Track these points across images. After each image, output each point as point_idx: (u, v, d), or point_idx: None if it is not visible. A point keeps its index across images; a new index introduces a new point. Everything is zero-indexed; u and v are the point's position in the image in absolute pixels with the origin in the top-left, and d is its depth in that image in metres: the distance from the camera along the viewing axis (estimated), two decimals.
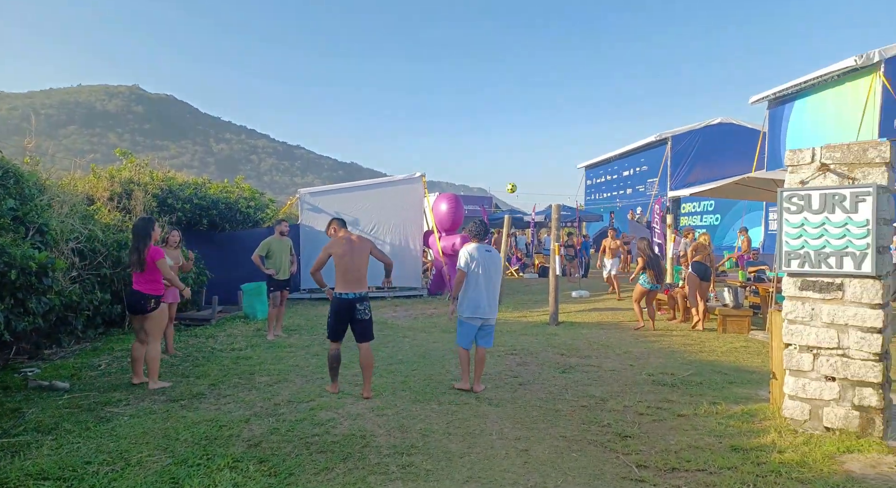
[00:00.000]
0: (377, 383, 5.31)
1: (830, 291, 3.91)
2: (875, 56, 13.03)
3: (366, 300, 4.98)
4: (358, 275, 4.95)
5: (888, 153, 3.75)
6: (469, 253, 5.12)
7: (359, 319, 4.93)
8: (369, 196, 12.28)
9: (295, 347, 7.09)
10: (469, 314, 5.09)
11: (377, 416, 4.39)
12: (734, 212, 18.72)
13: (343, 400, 4.81)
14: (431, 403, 4.73)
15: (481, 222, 5.36)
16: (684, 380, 5.43)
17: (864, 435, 3.67)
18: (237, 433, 4.01)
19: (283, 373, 5.74)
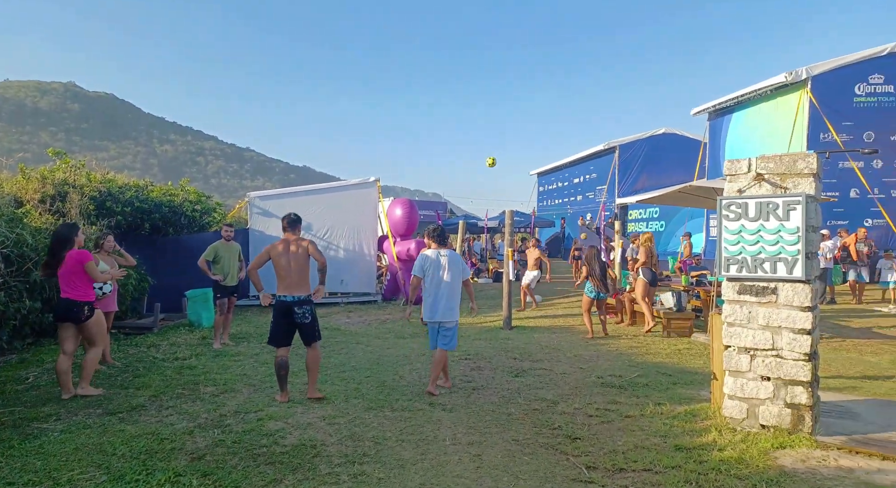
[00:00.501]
0: (329, 391, 5.21)
1: (766, 295, 4.11)
2: (803, 73, 13.92)
3: (305, 304, 4.92)
4: (296, 279, 4.90)
5: (815, 165, 3.99)
6: (425, 258, 5.22)
7: (298, 323, 4.91)
8: (322, 200, 12.08)
9: (243, 356, 6.87)
10: (427, 317, 5.24)
11: (328, 425, 4.30)
12: (678, 219, 19.51)
13: (293, 409, 4.69)
14: (384, 410, 4.68)
15: (439, 228, 5.47)
16: (631, 382, 5.58)
17: (795, 431, 3.87)
18: (180, 446, 3.84)
19: (229, 383, 5.54)
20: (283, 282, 4.91)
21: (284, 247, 4.94)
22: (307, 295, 4.94)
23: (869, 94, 13.72)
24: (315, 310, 5.06)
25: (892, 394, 5.12)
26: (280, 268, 4.90)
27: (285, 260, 4.89)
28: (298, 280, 4.90)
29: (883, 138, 13.62)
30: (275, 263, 4.91)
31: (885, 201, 13.72)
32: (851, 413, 4.34)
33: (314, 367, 5.00)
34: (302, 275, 4.92)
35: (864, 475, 3.30)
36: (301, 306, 4.89)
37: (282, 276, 4.90)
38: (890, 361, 6.51)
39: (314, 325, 5.00)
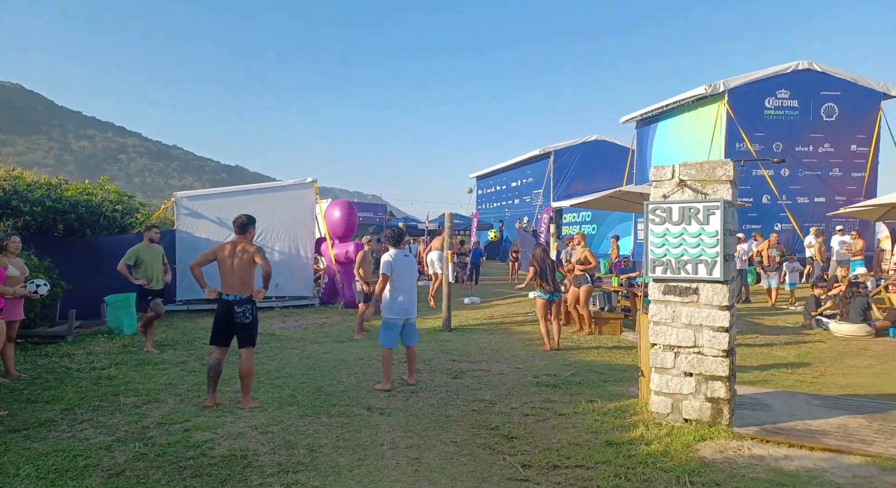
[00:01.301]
0: (262, 398, 5.03)
1: (688, 295, 4.35)
2: (721, 86, 14.90)
3: (246, 304, 4.85)
4: (239, 281, 4.85)
5: (732, 172, 4.27)
6: (390, 258, 5.51)
7: (238, 323, 4.82)
8: (256, 201, 11.66)
9: (168, 364, 6.51)
10: (394, 314, 5.51)
11: (260, 434, 4.15)
12: (608, 223, 20.33)
13: (223, 418, 4.49)
14: (320, 417, 4.57)
15: (397, 229, 5.87)
16: (565, 381, 5.75)
17: (714, 424, 4.12)
18: (95, 462, 3.58)
19: (153, 393, 5.23)
20: (226, 283, 4.86)
21: (231, 250, 4.89)
22: (248, 295, 4.88)
23: (777, 108, 14.90)
24: (256, 311, 4.95)
25: (797, 386, 5.55)
26: (224, 270, 4.86)
27: (230, 263, 4.84)
28: (241, 282, 4.85)
29: (790, 149, 14.83)
30: (220, 264, 4.88)
31: (791, 207, 14.92)
32: (763, 404, 4.66)
33: (248, 376, 4.87)
34: (245, 278, 4.87)
35: (773, 462, 3.56)
36: (241, 305, 4.82)
37: (225, 278, 4.87)
38: (796, 355, 7.06)
39: (252, 329, 4.92)
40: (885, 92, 15.20)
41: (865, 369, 6.32)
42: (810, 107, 14.95)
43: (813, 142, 15.03)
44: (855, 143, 15.17)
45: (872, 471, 3.39)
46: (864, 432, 3.98)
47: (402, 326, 5.61)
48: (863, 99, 15.10)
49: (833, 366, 6.44)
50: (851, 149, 15.17)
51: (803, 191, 15.12)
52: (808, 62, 14.89)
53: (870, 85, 15.14)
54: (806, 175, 15.07)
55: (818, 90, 14.95)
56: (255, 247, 4.96)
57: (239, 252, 4.88)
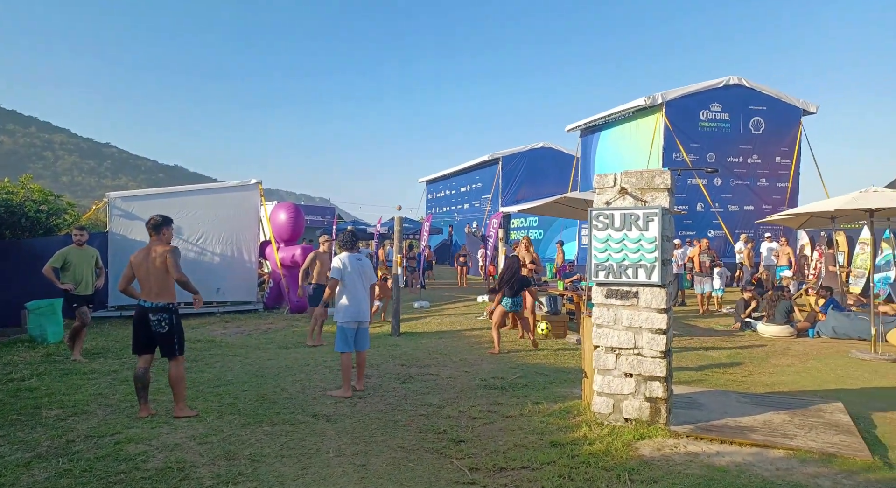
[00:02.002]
0: (201, 408, 4.82)
1: (629, 298, 4.51)
2: (659, 98, 15.60)
3: (163, 311, 4.56)
4: (155, 286, 4.57)
5: (669, 180, 4.47)
6: (342, 261, 5.44)
7: (155, 332, 4.56)
8: (196, 203, 11.21)
9: (98, 373, 6.14)
10: (348, 319, 5.42)
11: (199, 445, 3.97)
12: (554, 228, 20.83)
13: (157, 429, 4.27)
14: (263, 425, 4.43)
15: (350, 232, 5.78)
16: (512, 383, 5.83)
17: (653, 422, 4.28)
18: (11, 481, 3.32)
19: (80, 405, 4.92)
20: (143, 289, 4.61)
21: (145, 254, 4.61)
22: (166, 302, 4.59)
23: (710, 120, 15.76)
24: (177, 319, 4.67)
25: (728, 385, 5.86)
26: (140, 275, 4.59)
27: (144, 268, 4.57)
28: (158, 287, 4.57)
29: (722, 159, 15.70)
30: (136, 269, 4.60)
31: (723, 214, 15.79)
32: (697, 403, 4.90)
33: (178, 384, 4.63)
34: (161, 283, 4.58)
35: (706, 458, 3.73)
36: (157, 313, 4.54)
37: (142, 283, 4.61)
38: (727, 356, 7.46)
39: (173, 337, 4.62)
40: (805, 108, 16.38)
41: (788, 368, 6.75)
42: (740, 120, 15.90)
43: (742, 153, 15.98)
44: (779, 155, 16.25)
45: (793, 464, 3.62)
46: (787, 427, 4.25)
47: (355, 331, 5.53)
48: (786, 114, 16.20)
49: (760, 366, 6.84)
50: (776, 161, 16.24)
51: (734, 200, 16.04)
52: (738, 78, 15.84)
53: (792, 102, 16.27)
54: (736, 184, 16.00)
55: (747, 104, 15.92)
56: (168, 249, 4.64)
57: (153, 254, 4.58)
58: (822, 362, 7.03)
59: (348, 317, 5.46)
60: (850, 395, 5.33)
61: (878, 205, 7.49)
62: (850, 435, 4.07)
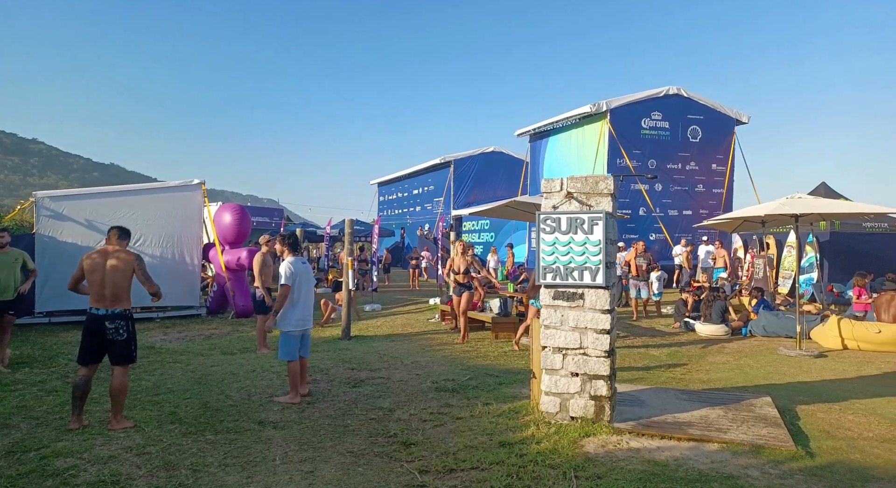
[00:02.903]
0: (138, 417, 4.60)
1: (575, 300, 4.63)
2: (603, 106, 16.14)
3: (120, 318, 4.38)
4: (111, 293, 4.38)
5: (612, 186, 4.63)
6: (290, 266, 5.27)
7: (110, 340, 4.36)
8: (134, 203, 10.69)
9: (22, 384, 5.75)
10: (294, 326, 5.28)
11: (136, 456, 3.79)
12: (505, 231, 21.15)
13: (90, 441, 4.05)
14: (206, 434, 4.28)
15: (293, 234, 5.61)
16: (463, 385, 5.87)
17: (597, 420, 4.42)
18: None
19: (2, 419, 4.59)
20: (96, 295, 4.36)
21: (102, 259, 4.38)
22: (123, 309, 4.40)
23: (652, 128, 16.44)
24: (134, 326, 4.51)
25: (668, 382, 6.12)
26: (94, 280, 4.35)
27: (100, 274, 4.34)
28: (114, 294, 4.37)
29: (662, 165, 16.40)
30: (88, 274, 4.36)
31: (664, 219, 16.49)
32: (639, 400, 5.09)
33: (121, 393, 4.43)
34: (120, 289, 4.39)
35: (647, 453, 3.89)
36: (114, 321, 4.34)
37: (94, 289, 4.36)
38: (667, 355, 7.78)
39: (130, 344, 4.45)
40: (738, 119, 17.35)
41: (723, 365, 7.12)
42: (679, 128, 16.66)
43: (681, 160, 16.75)
44: (715, 163, 17.13)
45: (726, 456, 3.82)
46: (721, 422, 4.48)
47: (301, 337, 5.41)
48: (721, 124, 17.11)
49: (698, 364, 7.18)
50: (712, 168, 17.11)
51: (674, 205, 16.78)
52: (676, 88, 16.60)
53: (726, 112, 17.20)
54: (676, 190, 16.75)
55: (685, 114, 16.72)
56: (134, 258, 4.48)
57: (115, 260, 4.38)
58: (754, 359, 7.45)
59: (296, 325, 5.32)
60: (777, 390, 5.68)
61: (802, 210, 8.03)
62: (777, 427, 4.34)
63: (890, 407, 5.10)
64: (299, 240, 5.70)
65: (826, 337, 8.34)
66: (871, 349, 7.92)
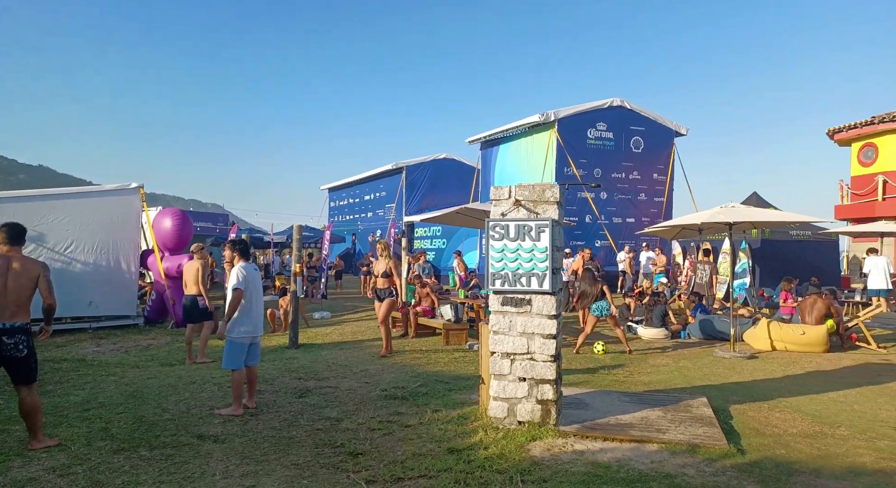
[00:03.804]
0: (63, 435, 4.32)
1: (522, 306, 4.71)
2: (552, 116, 16.56)
3: (20, 333, 3.99)
4: (12, 302, 3.97)
5: (558, 194, 4.75)
6: (243, 271, 5.17)
7: (8, 357, 3.95)
8: (65, 207, 10.10)
9: None
10: (243, 334, 5.15)
11: (59, 477, 3.56)
12: (457, 237, 21.27)
13: (7, 464, 3.77)
14: (140, 450, 4.06)
15: (243, 240, 5.55)
16: (413, 392, 5.84)
17: (544, 424, 4.50)
18: None
19: None
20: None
21: (4, 266, 4.00)
22: (23, 322, 4.01)
23: (597, 138, 17.00)
24: (33, 341, 4.12)
25: (612, 385, 6.30)
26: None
27: (2, 281, 3.96)
28: (15, 305, 3.98)
29: (607, 175, 16.97)
30: None
31: (609, 226, 17.04)
32: (584, 403, 5.21)
33: (35, 414, 4.08)
34: (20, 301, 4.00)
35: (591, 455, 3.99)
36: (13, 335, 3.95)
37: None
38: (611, 358, 8.01)
39: (30, 361, 4.06)
40: (677, 131, 18.19)
41: (663, 367, 7.40)
42: (622, 139, 17.31)
43: (625, 169, 17.39)
44: (656, 172, 17.88)
45: (665, 456, 3.97)
46: (661, 422, 4.65)
47: (248, 346, 5.25)
48: (661, 135, 17.90)
49: (639, 366, 7.43)
50: (654, 178, 17.84)
51: (618, 212, 17.37)
52: (620, 100, 17.25)
53: (666, 124, 18.01)
54: (620, 198, 17.36)
55: (628, 125, 17.39)
56: (42, 266, 4.13)
57: (15, 269, 3.99)
58: (692, 361, 7.79)
59: (245, 332, 5.17)
60: (712, 390, 5.95)
61: (735, 219, 8.48)
62: (712, 426, 4.54)
63: (812, 405, 5.44)
64: (248, 247, 5.55)
65: (757, 339, 8.82)
66: (796, 350, 8.44)
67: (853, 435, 4.53)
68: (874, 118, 18.45)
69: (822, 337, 8.38)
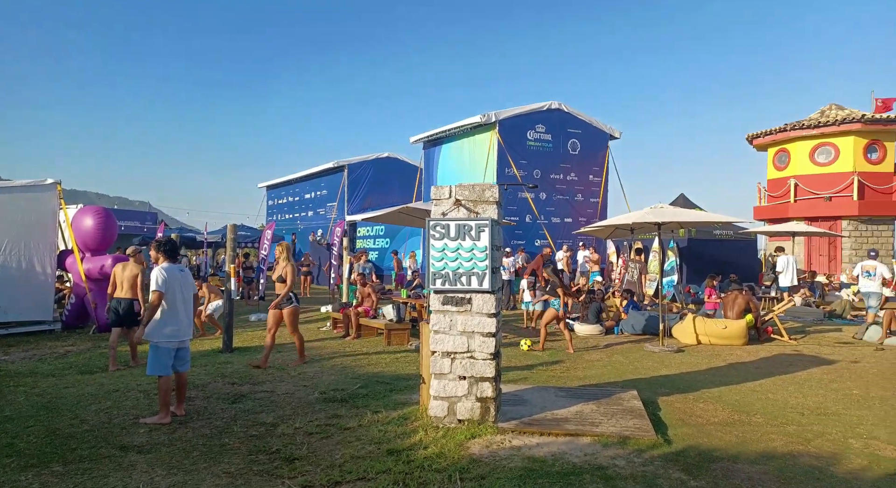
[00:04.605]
0: None
1: (463, 305, 4.74)
2: (493, 117, 16.82)
3: None
4: None
5: (497, 194, 4.82)
6: (163, 272, 4.92)
7: None
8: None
9: None
10: (167, 337, 4.92)
11: None
12: (400, 237, 21.17)
13: None
14: (52, 465, 3.78)
15: (170, 240, 5.26)
16: (353, 394, 5.75)
17: (483, 421, 4.55)
18: None
19: None
20: None
21: None
22: None
23: (536, 140, 17.41)
24: None
25: (549, 381, 6.47)
26: None
27: None
28: None
29: (546, 176, 17.42)
30: None
31: (548, 226, 17.48)
32: (522, 399, 5.32)
33: None
34: None
35: (528, 450, 4.07)
36: None
37: None
38: (549, 355, 8.22)
39: None
40: (611, 134, 18.91)
41: (598, 362, 7.67)
42: (560, 141, 17.81)
43: (563, 171, 17.90)
44: (592, 174, 18.51)
45: (598, 449, 4.11)
46: (594, 416, 4.81)
47: (175, 350, 5.01)
48: (597, 138, 18.55)
49: (576, 362, 7.67)
50: (590, 179, 18.47)
51: (556, 213, 17.86)
52: (558, 103, 17.76)
53: (601, 127, 18.68)
54: (558, 199, 17.85)
55: (566, 127, 17.92)
56: None
57: None
58: (624, 356, 8.12)
59: (169, 335, 4.93)
60: (642, 383, 6.23)
61: (663, 219, 8.91)
62: (641, 418, 4.75)
63: (731, 395, 5.80)
64: (178, 247, 5.29)
65: (684, 333, 9.31)
66: (719, 343, 8.97)
67: (767, 421, 4.87)
68: (787, 125, 19.92)
69: (741, 330, 8.95)
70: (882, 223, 18.83)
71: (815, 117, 19.53)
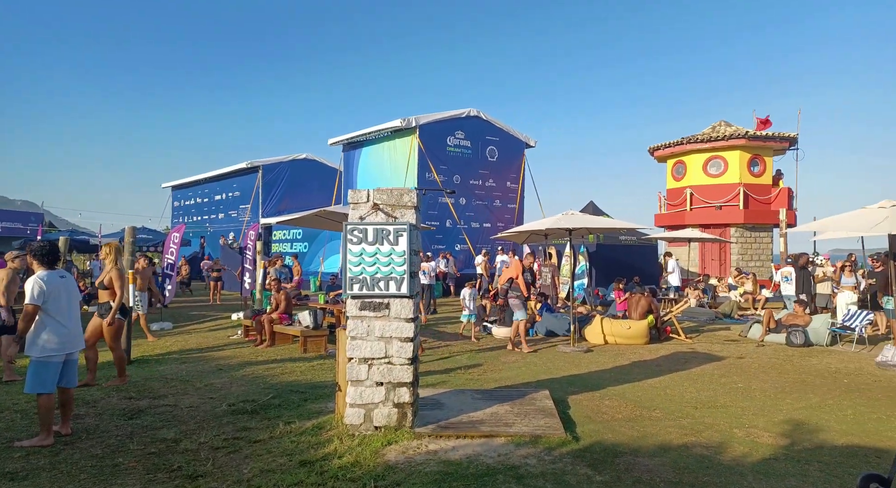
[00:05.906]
0: None
1: (381, 310, 4.70)
2: (413, 121, 16.91)
3: None
4: None
5: (415, 199, 4.83)
6: (39, 282, 4.45)
7: None
8: None
9: None
10: (49, 352, 4.44)
11: None
12: (319, 241, 20.65)
13: None
14: None
15: (47, 245, 4.69)
16: (264, 405, 5.51)
17: (400, 427, 4.52)
18: None
19: None
20: None
21: None
22: None
23: (456, 146, 17.70)
24: None
25: (467, 384, 6.56)
26: None
27: None
28: None
29: (465, 181, 17.74)
30: None
31: (468, 230, 17.79)
32: (439, 403, 5.35)
33: None
34: None
35: (444, 454, 4.10)
36: None
37: None
38: (468, 358, 8.35)
39: None
40: (527, 142, 19.62)
41: (514, 364, 7.88)
42: (479, 148, 18.23)
43: (481, 177, 18.32)
44: (509, 180, 19.10)
45: (511, 449, 4.22)
46: (509, 417, 4.94)
47: (61, 365, 4.54)
48: (513, 146, 19.18)
49: (493, 365, 7.83)
50: (507, 185, 19.03)
51: (475, 218, 18.23)
52: (476, 110, 18.18)
53: (518, 136, 19.33)
54: (477, 204, 18.23)
55: (484, 135, 18.37)
56: None
57: None
58: (539, 357, 8.40)
59: (53, 349, 4.44)
60: (555, 383, 6.48)
61: (574, 225, 9.35)
62: (552, 417, 4.93)
63: (634, 391, 6.18)
64: (59, 252, 4.77)
65: (593, 334, 9.80)
66: (624, 342, 9.54)
67: (665, 416, 5.23)
68: (683, 139, 21.62)
69: (643, 330, 9.57)
70: (763, 230, 20.90)
71: (708, 132, 21.35)
